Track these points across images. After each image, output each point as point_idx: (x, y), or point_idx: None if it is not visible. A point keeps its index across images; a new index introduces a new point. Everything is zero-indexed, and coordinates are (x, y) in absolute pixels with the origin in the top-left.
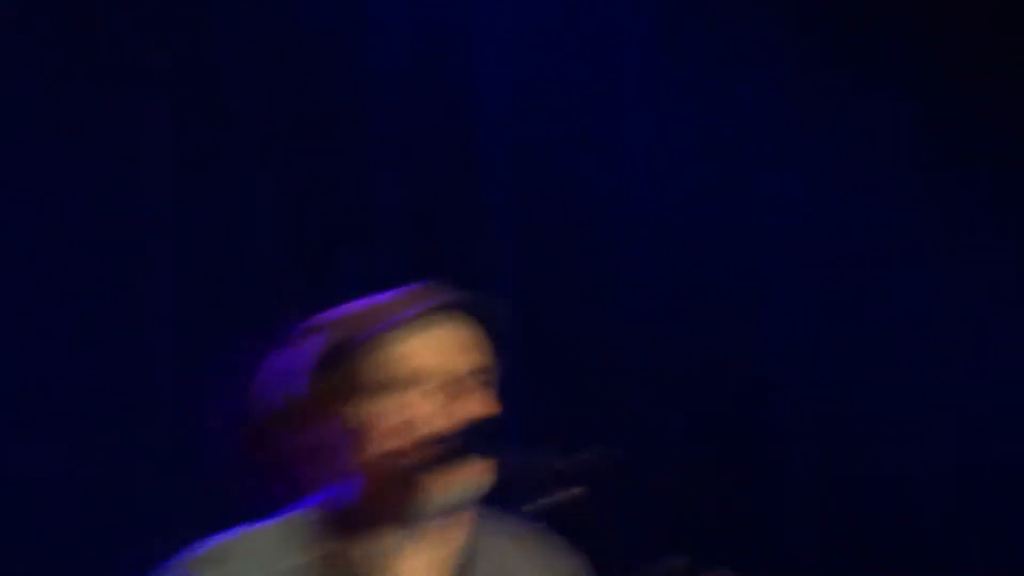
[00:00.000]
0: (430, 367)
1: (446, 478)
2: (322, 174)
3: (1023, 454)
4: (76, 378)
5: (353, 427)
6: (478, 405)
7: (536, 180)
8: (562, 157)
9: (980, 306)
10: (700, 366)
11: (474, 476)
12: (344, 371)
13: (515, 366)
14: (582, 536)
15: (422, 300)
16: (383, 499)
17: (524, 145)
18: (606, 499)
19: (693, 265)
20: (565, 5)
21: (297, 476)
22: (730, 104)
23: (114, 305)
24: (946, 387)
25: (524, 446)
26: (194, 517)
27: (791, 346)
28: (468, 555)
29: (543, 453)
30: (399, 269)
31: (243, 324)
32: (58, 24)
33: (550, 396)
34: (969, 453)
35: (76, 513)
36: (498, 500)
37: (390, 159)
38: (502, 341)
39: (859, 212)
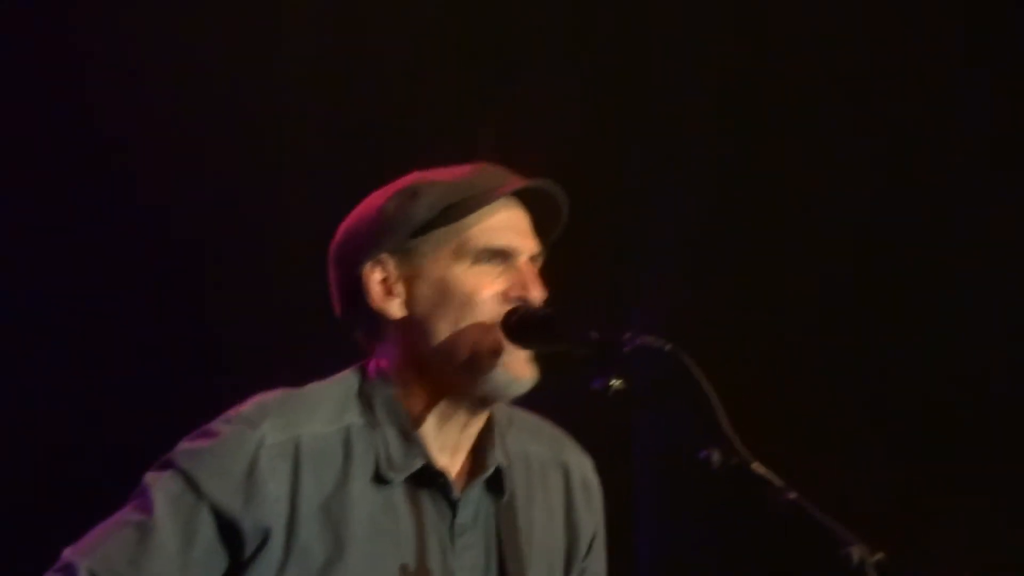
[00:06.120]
0: (518, 244)
1: (503, 362)
2: None
3: None
4: None
5: (438, 287)
6: (538, 291)
7: None
8: None
9: None
10: None
11: (526, 366)
12: (453, 229)
13: None
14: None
15: (512, 179)
16: (441, 370)
17: None
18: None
19: None
20: None
21: (375, 328)
22: None
23: None
24: None
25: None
26: None
27: None
28: (490, 437)
29: (588, 345)
30: None
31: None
32: None
33: None
34: None
35: None
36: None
37: None
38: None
39: None
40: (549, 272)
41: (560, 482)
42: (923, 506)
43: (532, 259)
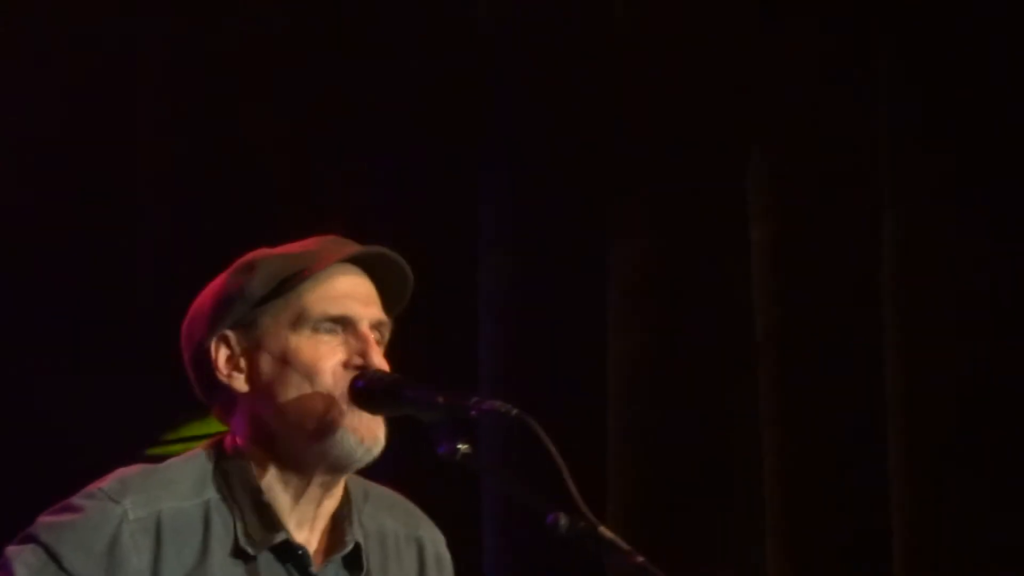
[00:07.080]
0: (357, 312)
1: (349, 428)
2: None
3: None
4: None
5: (279, 359)
6: (378, 358)
7: None
8: None
9: None
10: None
11: (373, 431)
12: (290, 300)
13: None
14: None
15: (348, 246)
16: (288, 442)
17: None
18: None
19: None
20: None
21: (228, 403)
22: None
23: None
24: None
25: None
26: None
27: None
28: (347, 513)
29: (435, 409)
30: None
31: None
32: None
33: None
34: None
35: None
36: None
37: None
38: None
39: None
40: (402, 337)
41: (414, 558)
42: None
43: (376, 327)
